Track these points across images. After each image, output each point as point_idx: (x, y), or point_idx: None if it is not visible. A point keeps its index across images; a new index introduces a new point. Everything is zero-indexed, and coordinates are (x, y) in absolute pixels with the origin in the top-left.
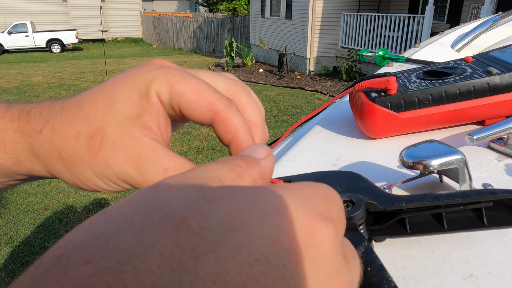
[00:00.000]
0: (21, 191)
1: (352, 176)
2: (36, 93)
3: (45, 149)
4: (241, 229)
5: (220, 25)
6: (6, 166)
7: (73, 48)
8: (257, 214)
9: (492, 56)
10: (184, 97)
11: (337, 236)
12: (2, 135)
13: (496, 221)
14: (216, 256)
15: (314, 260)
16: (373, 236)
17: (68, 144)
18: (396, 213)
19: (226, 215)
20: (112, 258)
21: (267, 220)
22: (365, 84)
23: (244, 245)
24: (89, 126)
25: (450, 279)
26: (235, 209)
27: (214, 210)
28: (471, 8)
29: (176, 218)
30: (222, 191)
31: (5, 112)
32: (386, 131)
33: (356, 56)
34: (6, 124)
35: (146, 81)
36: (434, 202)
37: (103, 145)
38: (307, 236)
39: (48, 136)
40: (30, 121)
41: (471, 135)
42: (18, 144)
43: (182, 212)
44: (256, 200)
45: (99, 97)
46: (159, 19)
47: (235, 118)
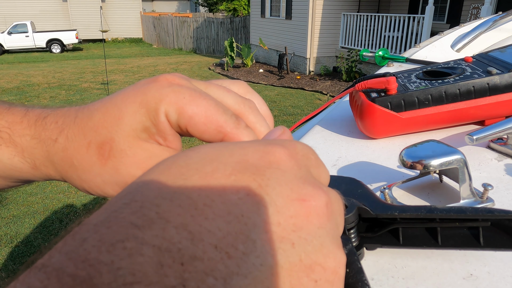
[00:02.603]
0: (21, 191)
1: (352, 182)
2: (36, 93)
3: (60, 157)
4: (216, 159)
5: (220, 25)
6: (25, 170)
7: (73, 48)
8: (227, 150)
9: (492, 56)
10: (193, 120)
11: (294, 154)
12: (20, 141)
13: (492, 242)
14: (199, 176)
15: (277, 169)
16: (365, 244)
17: (80, 153)
18: (389, 222)
19: (205, 153)
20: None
21: (235, 152)
22: (365, 84)
23: (219, 167)
24: (98, 136)
25: (450, 279)
26: (211, 150)
27: (195, 152)
28: (471, 8)
29: (167, 162)
30: (205, 144)
31: (22, 117)
32: (386, 131)
33: (356, 56)
34: (24, 130)
35: (156, 99)
36: (428, 215)
37: (112, 154)
38: (267, 155)
39: (63, 145)
40: (46, 129)
41: (471, 135)
42: (35, 150)
43: (172, 158)
44: (227, 145)
45: (109, 108)
46: (159, 19)
47: (244, 136)
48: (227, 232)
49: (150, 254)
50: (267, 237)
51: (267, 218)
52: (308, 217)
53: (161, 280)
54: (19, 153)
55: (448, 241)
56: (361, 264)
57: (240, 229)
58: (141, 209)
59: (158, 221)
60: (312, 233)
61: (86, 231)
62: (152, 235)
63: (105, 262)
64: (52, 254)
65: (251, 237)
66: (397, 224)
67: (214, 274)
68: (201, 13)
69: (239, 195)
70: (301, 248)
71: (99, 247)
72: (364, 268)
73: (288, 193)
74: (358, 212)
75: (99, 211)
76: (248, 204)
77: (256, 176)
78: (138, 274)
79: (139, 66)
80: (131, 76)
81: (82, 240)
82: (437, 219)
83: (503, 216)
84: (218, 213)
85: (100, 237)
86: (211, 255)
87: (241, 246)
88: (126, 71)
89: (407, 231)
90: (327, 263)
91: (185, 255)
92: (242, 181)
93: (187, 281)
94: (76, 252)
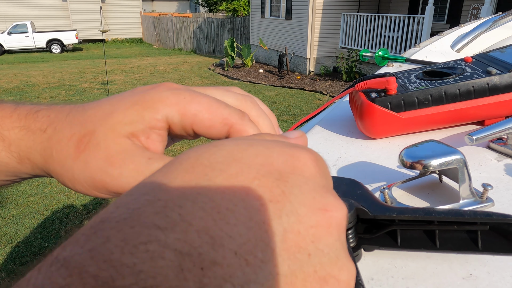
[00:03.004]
0: (21, 192)
1: (351, 183)
2: (36, 94)
3: (43, 146)
4: (241, 160)
5: (220, 26)
6: (11, 165)
7: (73, 49)
8: (253, 150)
9: (492, 56)
10: (197, 117)
11: (318, 161)
12: (8, 134)
13: (491, 246)
14: (223, 177)
15: (301, 176)
16: (363, 245)
17: (61, 144)
18: (388, 224)
19: (230, 152)
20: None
21: (260, 153)
22: (365, 84)
23: (244, 169)
24: (82, 129)
25: (450, 279)
26: (236, 148)
27: (219, 150)
28: (471, 9)
29: (191, 159)
30: (228, 140)
31: (12, 111)
32: (385, 131)
33: (356, 57)
34: (13, 123)
35: (154, 99)
36: (426, 217)
37: (87, 147)
38: (292, 159)
39: (49, 135)
40: (37, 121)
41: (471, 135)
42: (21, 141)
43: (195, 154)
44: (252, 143)
45: (103, 106)
46: (159, 20)
47: (250, 128)
48: (248, 239)
49: (171, 258)
50: (286, 247)
51: (288, 227)
52: (329, 228)
53: (181, 285)
54: (6, 148)
55: (446, 244)
56: (357, 265)
57: (261, 237)
58: (164, 210)
59: (180, 223)
60: (330, 245)
61: (110, 228)
62: (175, 238)
63: (127, 264)
64: (75, 250)
65: (270, 246)
66: (395, 226)
67: (232, 281)
68: (201, 13)
69: (261, 201)
70: (317, 260)
71: (122, 248)
72: (364, 268)
73: (311, 202)
74: (356, 213)
75: (119, 204)
76: (270, 211)
77: (279, 182)
78: (158, 278)
79: (139, 66)
80: (131, 76)
81: (105, 239)
82: (435, 221)
83: (501, 220)
84: (240, 218)
85: (123, 237)
86: (231, 261)
87: (260, 254)
88: (126, 71)
89: (405, 233)
90: (341, 275)
91: (206, 260)
92: (265, 186)
93: (206, 286)
94: (99, 251)
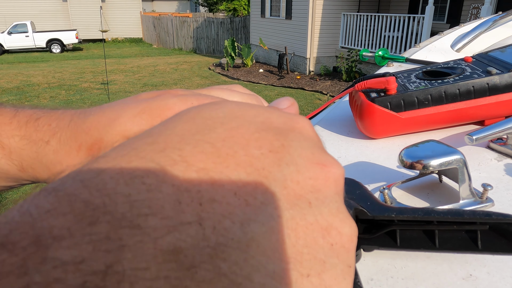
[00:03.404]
0: (21, 191)
1: (350, 182)
2: (36, 93)
3: (50, 159)
4: (241, 117)
5: (220, 25)
6: (12, 172)
7: (73, 48)
8: (254, 110)
9: (492, 56)
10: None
11: (314, 128)
12: (8, 142)
13: (490, 246)
14: (224, 128)
15: (300, 134)
16: (362, 245)
17: (71, 156)
18: (387, 224)
19: (230, 109)
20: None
21: (260, 113)
22: (364, 84)
23: (244, 124)
24: (89, 138)
25: (450, 279)
26: (237, 108)
27: (221, 108)
28: (471, 8)
29: (191, 113)
30: (228, 100)
31: (12, 118)
32: (385, 131)
33: (356, 56)
34: (13, 131)
35: (162, 107)
36: (425, 217)
37: (99, 155)
38: (291, 121)
39: (54, 148)
40: (38, 130)
41: (471, 135)
42: (23, 151)
43: (196, 109)
44: (252, 105)
45: (106, 112)
46: (159, 19)
47: None
48: (247, 182)
49: (168, 192)
50: (286, 193)
51: (287, 175)
52: (327, 181)
53: (177, 216)
54: (6, 155)
55: (446, 244)
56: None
57: (260, 181)
58: (164, 150)
59: (180, 163)
60: (330, 197)
61: (105, 162)
62: (173, 175)
63: (122, 193)
64: (65, 180)
65: (270, 189)
66: (394, 226)
67: (232, 218)
68: (201, 13)
69: (261, 150)
70: (317, 209)
71: (117, 179)
72: (364, 268)
73: (310, 156)
74: (355, 214)
75: (116, 147)
76: (269, 159)
77: (279, 136)
78: (154, 207)
79: (139, 66)
80: (131, 76)
81: (100, 171)
82: (434, 221)
83: (501, 220)
84: (240, 163)
85: (119, 170)
86: (230, 200)
87: (260, 196)
88: (126, 71)
89: (405, 233)
90: (343, 228)
91: (204, 196)
92: (265, 139)
93: (203, 220)
94: (91, 181)
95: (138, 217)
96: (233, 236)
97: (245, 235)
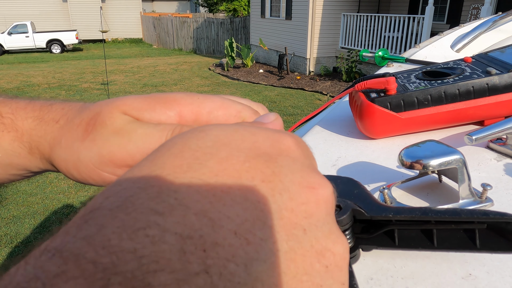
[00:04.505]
0: (21, 192)
1: (349, 182)
2: (36, 94)
3: (53, 136)
4: (229, 144)
5: (220, 26)
6: (23, 155)
7: (73, 49)
8: (239, 135)
9: (491, 57)
10: (212, 114)
11: (301, 143)
12: (22, 124)
13: (489, 245)
14: (214, 161)
15: (288, 157)
16: (360, 245)
17: (71, 131)
18: (385, 224)
19: (216, 136)
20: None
21: (246, 138)
22: (364, 85)
23: (233, 153)
24: (90, 113)
25: (449, 278)
26: (223, 133)
27: (207, 136)
28: (471, 9)
29: (178, 145)
30: (212, 125)
31: (27, 104)
32: (385, 131)
33: (356, 57)
34: (27, 114)
35: (169, 98)
36: (422, 217)
37: (94, 128)
38: (277, 143)
39: (61, 125)
40: (51, 112)
41: (470, 135)
42: (33, 131)
43: (181, 139)
44: (237, 128)
45: (114, 99)
46: (159, 20)
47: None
48: (245, 219)
49: (172, 242)
50: (282, 223)
51: (281, 204)
52: (318, 204)
53: (185, 267)
54: (19, 138)
55: (444, 243)
56: (352, 268)
57: (257, 215)
58: (159, 195)
59: (178, 207)
60: (322, 219)
61: (102, 216)
62: (174, 222)
63: (128, 249)
64: (66, 239)
65: (268, 223)
66: (392, 226)
67: (235, 260)
68: (201, 14)
69: (254, 181)
70: (312, 234)
71: (120, 234)
72: (363, 267)
73: (300, 180)
74: (353, 214)
75: (108, 194)
76: (263, 190)
77: (269, 163)
78: (161, 262)
79: (139, 67)
80: (131, 76)
81: (100, 226)
82: (432, 221)
83: (499, 218)
84: (235, 199)
85: (120, 224)
86: (232, 241)
87: (259, 232)
88: (126, 72)
89: (403, 233)
90: (336, 248)
91: (207, 241)
92: (256, 168)
93: (209, 267)
94: (94, 238)
95: (148, 275)
96: (239, 280)
97: (250, 276)
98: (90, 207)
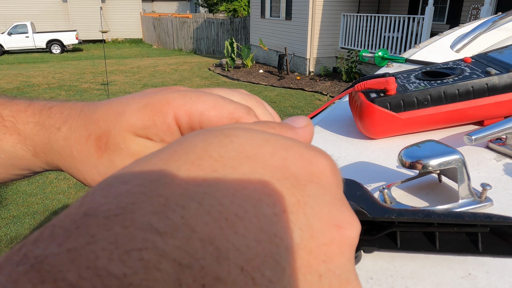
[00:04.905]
0: (21, 192)
1: (351, 184)
2: (36, 94)
3: (60, 145)
4: (254, 158)
5: (220, 26)
6: (27, 158)
7: (73, 49)
8: (269, 148)
9: (491, 57)
10: (204, 116)
11: (335, 169)
12: (24, 128)
13: (491, 249)
14: (234, 176)
15: (319, 184)
16: (362, 247)
17: (80, 144)
18: (387, 225)
19: (242, 146)
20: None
21: (276, 153)
22: (364, 85)
23: (258, 171)
24: (98, 129)
25: (449, 278)
26: (250, 143)
27: (231, 143)
28: (471, 9)
29: (198, 149)
30: (240, 129)
31: (27, 106)
32: (385, 132)
33: (356, 57)
34: (28, 118)
35: (163, 102)
36: (425, 219)
37: (107, 147)
38: (309, 164)
39: (65, 134)
40: (51, 117)
41: (470, 135)
42: (36, 136)
43: (203, 143)
44: (267, 138)
45: (113, 105)
46: (159, 20)
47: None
48: (256, 253)
49: (169, 270)
50: (297, 266)
51: (300, 243)
52: (341, 247)
53: None
54: (21, 141)
55: (446, 246)
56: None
57: (270, 252)
58: (164, 209)
59: (182, 228)
60: (342, 266)
61: (96, 225)
62: (174, 246)
63: (116, 274)
64: (50, 248)
65: (281, 263)
66: (395, 228)
67: None
68: (201, 14)
69: (275, 210)
70: (327, 282)
71: (111, 253)
72: (363, 267)
73: (326, 216)
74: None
75: (109, 194)
76: (283, 222)
77: (295, 189)
78: None
79: (139, 67)
80: (131, 76)
81: (90, 238)
82: (435, 223)
83: (502, 222)
84: (250, 228)
85: (113, 239)
86: (236, 279)
87: (268, 272)
88: (126, 72)
89: (405, 235)
90: None
91: (208, 275)
92: (280, 193)
93: None
94: (81, 254)
95: None
96: None
97: None
98: (85, 207)
